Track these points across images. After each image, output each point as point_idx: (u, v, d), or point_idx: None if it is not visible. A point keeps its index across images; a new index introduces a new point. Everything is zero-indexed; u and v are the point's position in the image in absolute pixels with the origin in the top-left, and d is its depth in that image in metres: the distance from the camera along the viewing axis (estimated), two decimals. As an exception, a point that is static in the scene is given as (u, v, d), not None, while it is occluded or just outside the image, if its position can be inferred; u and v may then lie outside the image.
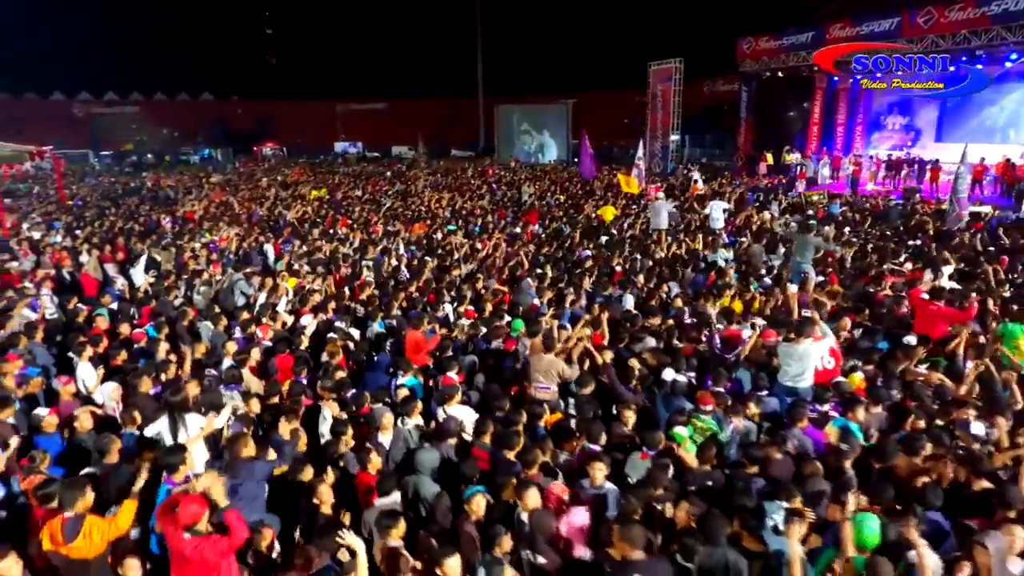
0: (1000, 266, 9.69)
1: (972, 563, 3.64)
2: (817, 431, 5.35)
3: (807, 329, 6.05)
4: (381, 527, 3.89)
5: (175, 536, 3.69)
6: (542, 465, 4.85)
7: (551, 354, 6.11)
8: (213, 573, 3.63)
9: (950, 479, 4.58)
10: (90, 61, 49.73)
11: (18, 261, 11.83)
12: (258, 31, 57.17)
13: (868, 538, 3.89)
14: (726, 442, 5.26)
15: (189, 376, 6.25)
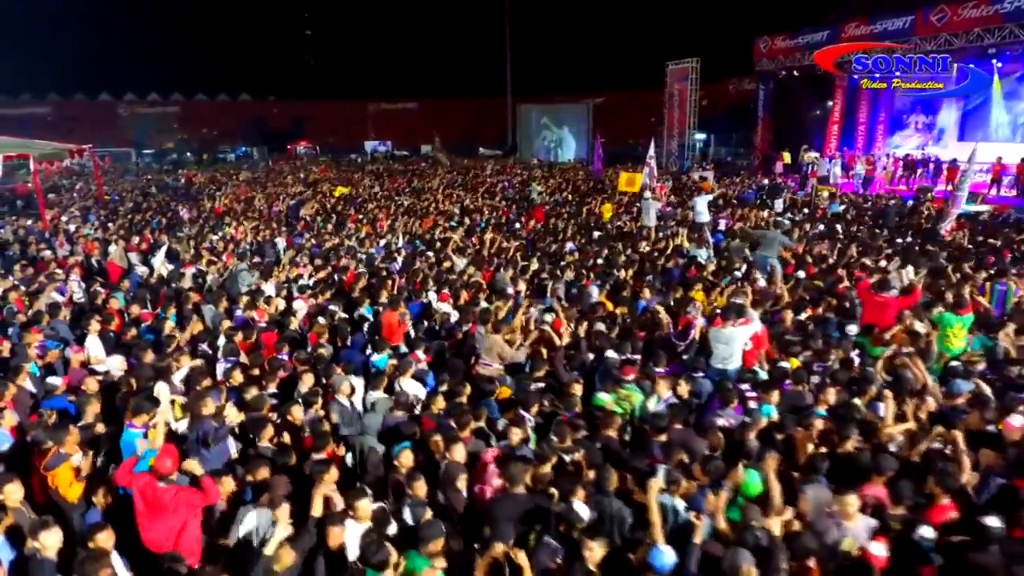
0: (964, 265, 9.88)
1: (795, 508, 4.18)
2: (740, 408, 5.86)
3: (732, 314, 6.54)
4: (315, 474, 4.57)
5: (148, 486, 4.34)
6: (479, 431, 5.50)
7: (496, 335, 6.73)
8: (184, 522, 4.26)
9: (838, 449, 5.05)
10: (135, 63, 51.98)
11: (53, 251, 12.90)
12: (297, 33, 58.64)
13: (750, 487, 4.50)
14: (651, 411, 5.80)
15: (183, 350, 7.04)
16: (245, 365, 6.65)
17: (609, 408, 5.84)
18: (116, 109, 53.37)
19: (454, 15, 53.95)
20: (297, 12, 57.30)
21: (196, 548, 4.29)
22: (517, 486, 4.33)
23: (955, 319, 7.04)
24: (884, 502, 4.44)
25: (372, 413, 5.68)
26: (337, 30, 57.87)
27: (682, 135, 29.16)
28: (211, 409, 5.10)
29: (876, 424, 5.27)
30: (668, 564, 3.65)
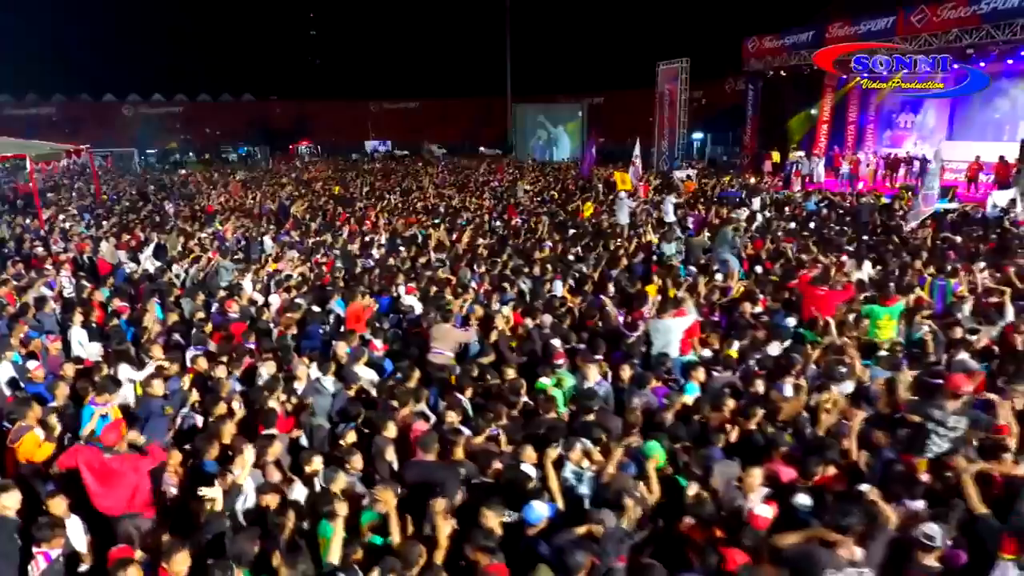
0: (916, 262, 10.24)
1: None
2: (663, 390, 6.28)
3: (669, 306, 6.95)
4: (259, 448, 5.02)
5: (95, 458, 4.77)
6: (421, 412, 5.95)
7: (447, 325, 7.18)
8: (135, 485, 4.70)
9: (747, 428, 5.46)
10: (140, 64, 52.61)
11: (47, 248, 13.41)
12: (301, 33, 59.18)
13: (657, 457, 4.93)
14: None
15: (155, 338, 7.53)
16: (212, 353, 7.11)
17: (549, 391, 6.26)
18: (120, 110, 53.99)
19: (455, 16, 54.32)
20: (301, 13, 57.88)
21: (151, 507, 4.75)
22: (428, 453, 4.78)
23: (882, 311, 7.41)
24: (779, 474, 4.84)
25: (321, 395, 6.13)
26: (340, 30, 58.40)
27: (673, 135, 29.47)
28: (157, 391, 5.60)
29: (780, 404, 5.68)
30: (537, 517, 4.09)
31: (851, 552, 3.48)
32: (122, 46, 51.53)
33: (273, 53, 57.20)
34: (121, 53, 51.64)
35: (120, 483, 4.63)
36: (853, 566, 3.42)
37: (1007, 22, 17.75)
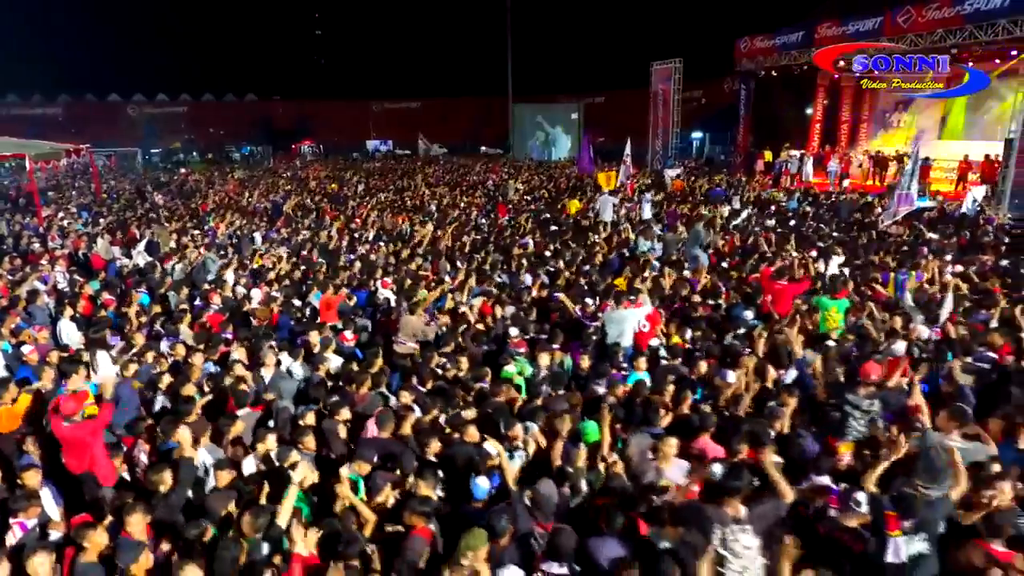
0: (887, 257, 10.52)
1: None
2: (619, 375, 6.60)
3: (623, 298, 7.28)
4: (222, 426, 5.38)
5: (58, 426, 5.19)
6: (381, 395, 6.29)
7: (412, 316, 7.53)
8: (86, 449, 5.12)
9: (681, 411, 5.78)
10: (144, 65, 53.19)
11: (44, 244, 13.82)
12: (305, 33, 59.52)
13: (589, 435, 5.32)
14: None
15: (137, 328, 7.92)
16: (187, 343, 7.49)
17: (514, 379, 6.58)
18: (125, 109, 54.51)
19: (457, 16, 54.66)
20: (305, 13, 58.26)
21: (109, 473, 5.17)
22: (384, 431, 5.13)
23: (830, 303, 7.73)
24: (707, 450, 5.16)
25: (287, 380, 6.49)
26: (343, 31, 58.80)
27: (666, 134, 29.74)
28: (129, 372, 6.02)
29: (721, 389, 6.00)
30: (482, 492, 4.42)
31: (736, 511, 3.80)
32: (127, 46, 52.17)
33: (277, 53, 57.61)
34: (126, 53, 52.26)
35: (78, 446, 5.10)
36: (737, 523, 3.74)
37: (989, 23, 17.96)
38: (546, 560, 3.82)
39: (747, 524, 3.72)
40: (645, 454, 4.91)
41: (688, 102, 42.21)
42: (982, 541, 3.74)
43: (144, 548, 4.01)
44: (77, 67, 50.19)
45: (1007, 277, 9.38)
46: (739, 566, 3.61)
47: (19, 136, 26.55)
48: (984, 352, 6.74)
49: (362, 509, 4.37)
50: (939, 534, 3.93)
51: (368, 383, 6.15)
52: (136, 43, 52.50)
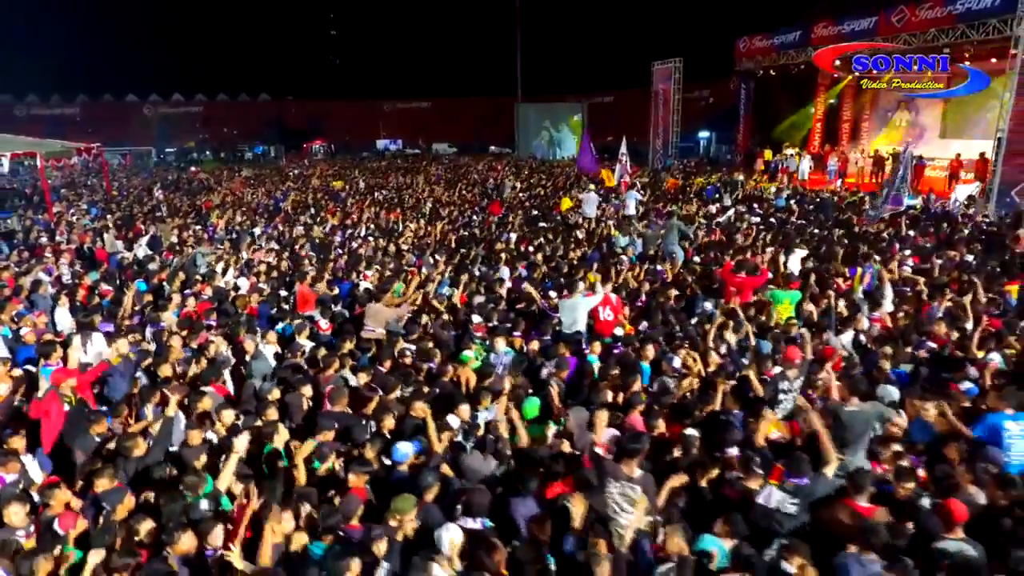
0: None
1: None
2: (574, 360, 6.99)
3: (576, 286, 7.70)
4: (191, 401, 5.86)
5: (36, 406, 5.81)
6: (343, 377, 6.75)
7: (379, 304, 8.00)
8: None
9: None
10: (160, 65, 54.25)
11: (52, 239, 14.48)
12: (319, 33, 60.23)
13: (528, 411, 5.78)
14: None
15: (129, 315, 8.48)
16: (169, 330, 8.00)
17: (470, 363, 7.03)
18: (141, 109, 55.60)
19: (467, 16, 55.14)
20: (319, 13, 58.97)
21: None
22: (336, 406, 5.59)
23: (783, 295, 8.07)
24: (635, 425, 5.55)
25: (260, 361, 6.96)
26: (356, 31, 59.49)
27: (667, 133, 29.98)
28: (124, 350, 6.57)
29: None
30: (403, 455, 4.86)
31: (631, 470, 4.20)
32: (144, 47, 53.26)
33: (291, 53, 58.43)
34: (143, 54, 53.36)
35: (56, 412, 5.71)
36: (629, 480, 4.14)
37: (981, 21, 18.05)
38: (462, 516, 4.24)
39: (637, 485, 4.11)
40: (583, 426, 5.31)
41: (695, 101, 42.54)
42: (848, 499, 4.11)
43: (127, 492, 4.54)
44: (95, 68, 51.39)
45: (965, 272, 9.63)
46: (626, 520, 4.00)
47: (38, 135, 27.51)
48: (924, 341, 7.07)
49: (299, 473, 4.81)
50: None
51: (335, 365, 6.60)
52: (153, 44, 53.60)
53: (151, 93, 56.08)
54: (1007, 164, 16.36)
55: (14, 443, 5.28)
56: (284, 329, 8.16)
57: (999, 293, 8.80)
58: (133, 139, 48.59)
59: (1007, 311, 8.32)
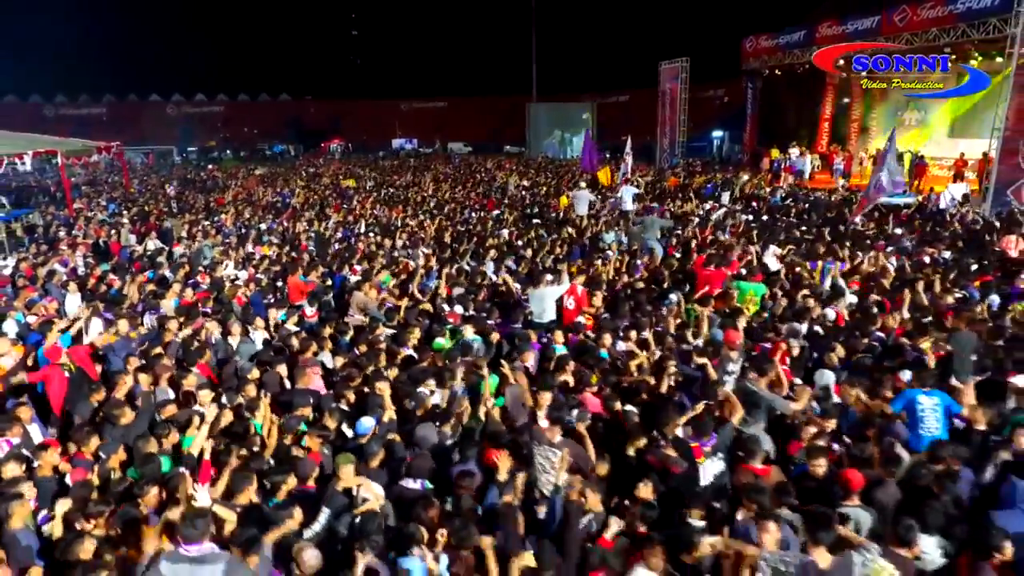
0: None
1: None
2: (537, 345, 7.43)
3: (541, 277, 8.15)
4: (178, 379, 6.41)
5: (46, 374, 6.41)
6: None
7: (359, 293, 8.52)
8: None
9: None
10: (184, 65, 55.60)
11: (70, 233, 15.24)
12: (340, 34, 61.11)
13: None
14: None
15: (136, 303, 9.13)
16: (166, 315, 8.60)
17: (443, 349, 7.51)
18: (165, 109, 56.97)
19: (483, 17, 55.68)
20: (340, 14, 59.84)
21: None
22: (300, 383, 6.11)
23: (748, 287, 8.44)
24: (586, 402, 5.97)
25: (247, 344, 7.51)
26: (376, 31, 60.35)
27: (673, 132, 30.19)
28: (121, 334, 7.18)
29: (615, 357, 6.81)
30: (364, 428, 5.34)
31: (553, 435, 4.65)
32: (168, 48, 54.59)
33: (311, 54, 59.42)
34: (167, 55, 54.75)
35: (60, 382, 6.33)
36: (551, 446, 4.59)
37: (981, 21, 18.09)
38: (405, 478, 4.71)
39: (558, 450, 4.56)
40: (517, 400, 5.75)
41: (710, 101, 42.61)
42: (746, 464, 4.52)
43: (120, 445, 5.12)
44: (121, 69, 52.89)
45: (936, 269, 9.88)
46: (546, 480, 4.45)
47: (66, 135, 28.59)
48: (874, 332, 7.40)
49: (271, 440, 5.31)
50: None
51: (312, 348, 7.12)
52: (177, 45, 54.85)
53: (174, 93, 57.49)
54: (1003, 163, 16.41)
55: (21, 412, 5.86)
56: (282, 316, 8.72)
57: (964, 288, 9.05)
58: (157, 138, 49.90)
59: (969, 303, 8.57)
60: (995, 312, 8.11)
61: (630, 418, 5.50)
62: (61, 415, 6.48)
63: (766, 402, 5.35)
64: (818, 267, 9.80)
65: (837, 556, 3.56)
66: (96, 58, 51.70)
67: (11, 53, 45.06)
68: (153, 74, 54.90)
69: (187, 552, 3.49)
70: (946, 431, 5.34)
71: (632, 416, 5.53)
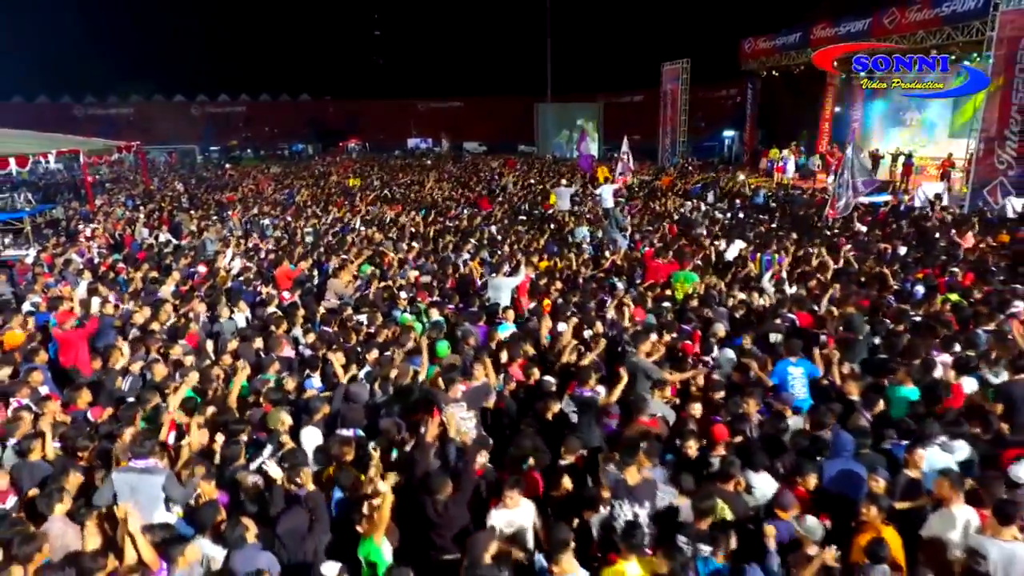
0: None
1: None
2: (484, 328, 8.28)
3: (502, 267, 9.01)
4: (166, 349, 7.38)
5: (56, 332, 7.41)
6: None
7: (335, 279, 9.47)
8: (73, 349, 7.30)
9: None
10: (208, 66, 57.21)
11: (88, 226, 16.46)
12: (362, 34, 62.29)
13: (440, 351, 7.10)
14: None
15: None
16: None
17: (408, 324, 8.40)
18: (189, 109, 58.67)
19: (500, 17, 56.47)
20: (363, 14, 61.05)
21: (87, 367, 7.29)
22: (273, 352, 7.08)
23: (680, 275, 9.31)
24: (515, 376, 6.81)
25: (230, 323, 8.49)
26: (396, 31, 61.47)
27: (674, 132, 30.78)
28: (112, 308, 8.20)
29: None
30: (312, 386, 6.24)
31: (455, 393, 5.53)
32: (194, 49, 56.20)
33: (332, 54, 60.64)
34: (193, 56, 56.35)
35: (68, 346, 7.33)
36: (455, 403, 5.46)
37: (965, 24, 18.50)
38: (341, 427, 5.61)
39: (467, 413, 5.44)
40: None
41: (723, 100, 43.03)
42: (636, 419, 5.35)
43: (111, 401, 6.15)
44: (147, 70, 54.63)
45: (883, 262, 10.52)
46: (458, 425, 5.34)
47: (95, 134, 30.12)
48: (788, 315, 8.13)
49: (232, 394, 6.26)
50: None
51: (284, 325, 8.07)
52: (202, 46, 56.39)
53: (199, 94, 59.20)
54: (980, 164, 16.85)
55: (35, 377, 6.87)
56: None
57: (903, 281, 9.70)
58: (181, 138, 51.53)
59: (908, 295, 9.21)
60: (917, 301, 8.75)
61: (546, 385, 6.31)
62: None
63: (643, 371, 6.13)
64: (757, 259, 10.52)
65: (644, 477, 4.38)
66: (124, 60, 53.54)
67: (42, 55, 47.12)
68: (179, 75, 56.61)
69: (135, 465, 4.43)
70: (810, 396, 6.10)
71: (548, 384, 6.34)
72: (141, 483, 4.51)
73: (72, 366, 7.28)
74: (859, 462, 4.70)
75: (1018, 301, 8.21)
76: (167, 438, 5.48)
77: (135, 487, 4.49)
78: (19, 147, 17.35)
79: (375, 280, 10.17)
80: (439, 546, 4.38)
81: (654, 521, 4.33)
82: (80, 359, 7.31)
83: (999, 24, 16.15)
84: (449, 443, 5.15)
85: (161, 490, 4.59)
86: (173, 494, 4.63)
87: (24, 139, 20.71)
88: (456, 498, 4.51)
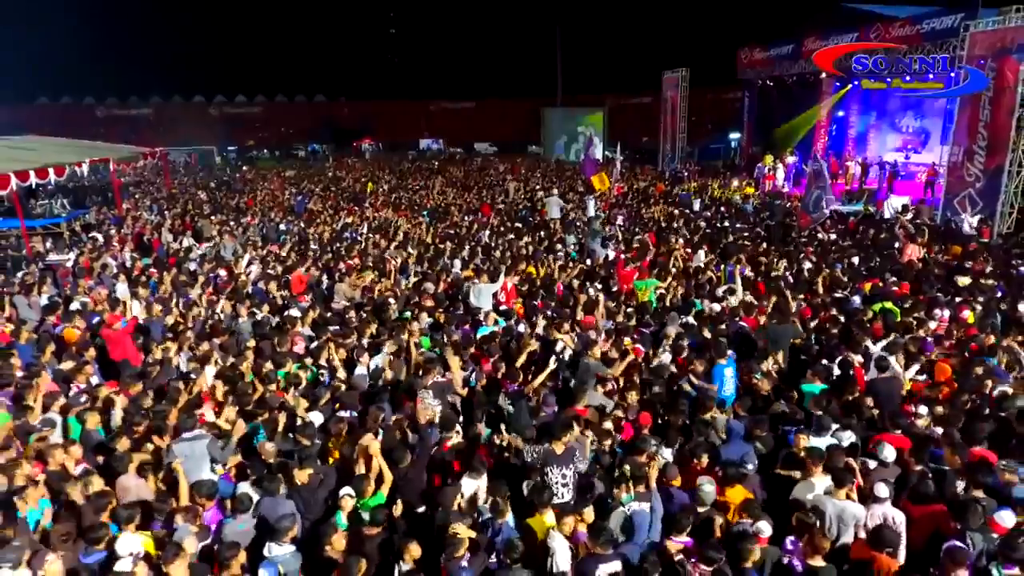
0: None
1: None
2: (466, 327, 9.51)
3: (481, 274, 10.25)
4: (198, 345, 8.71)
5: (106, 332, 8.76)
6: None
7: (342, 284, 10.76)
8: (120, 345, 8.62)
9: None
10: (226, 67, 58.95)
11: (119, 230, 17.89)
12: (377, 33, 63.60)
13: (424, 343, 8.31)
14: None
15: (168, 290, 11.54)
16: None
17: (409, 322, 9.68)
18: (207, 110, 60.29)
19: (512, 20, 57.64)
20: (378, 12, 62.38)
21: (136, 360, 8.59)
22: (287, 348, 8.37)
23: (642, 283, 10.45)
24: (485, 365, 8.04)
25: (245, 322, 9.80)
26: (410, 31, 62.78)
27: (674, 138, 31.80)
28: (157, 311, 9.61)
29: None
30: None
31: (427, 380, 6.80)
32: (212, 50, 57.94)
33: (347, 54, 62.06)
34: (211, 57, 58.13)
35: (117, 344, 8.62)
36: (426, 388, 6.74)
37: (943, 41, 19.40)
38: (340, 410, 6.88)
39: (431, 389, 6.72)
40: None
41: (731, 103, 43.86)
42: (572, 407, 6.56)
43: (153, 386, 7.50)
44: (167, 71, 56.37)
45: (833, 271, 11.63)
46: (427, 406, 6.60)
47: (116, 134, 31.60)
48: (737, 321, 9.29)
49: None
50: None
51: (297, 324, 9.36)
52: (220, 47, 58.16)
53: (217, 95, 60.88)
54: (951, 176, 17.82)
55: (87, 368, 8.22)
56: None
57: (846, 289, 10.82)
58: (199, 138, 53.09)
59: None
60: (854, 309, 9.85)
61: (513, 375, 7.54)
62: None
63: (590, 369, 7.32)
64: (722, 269, 11.67)
65: (567, 446, 5.59)
66: (144, 62, 55.35)
67: (66, 58, 48.89)
68: (197, 76, 58.30)
69: (186, 436, 5.79)
70: (735, 391, 7.31)
71: (516, 376, 7.56)
72: (192, 449, 5.90)
73: (123, 359, 8.59)
74: (746, 443, 5.93)
75: (937, 310, 9.34)
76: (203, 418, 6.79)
77: (188, 454, 5.86)
78: (58, 156, 18.85)
79: (378, 284, 11.46)
80: (407, 502, 5.63)
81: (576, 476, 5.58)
82: (129, 353, 8.64)
83: (969, 43, 17.09)
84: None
85: (207, 450, 5.96)
86: (216, 455, 6.01)
87: (57, 147, 22.28)
88: (416, 464, 5.80)
